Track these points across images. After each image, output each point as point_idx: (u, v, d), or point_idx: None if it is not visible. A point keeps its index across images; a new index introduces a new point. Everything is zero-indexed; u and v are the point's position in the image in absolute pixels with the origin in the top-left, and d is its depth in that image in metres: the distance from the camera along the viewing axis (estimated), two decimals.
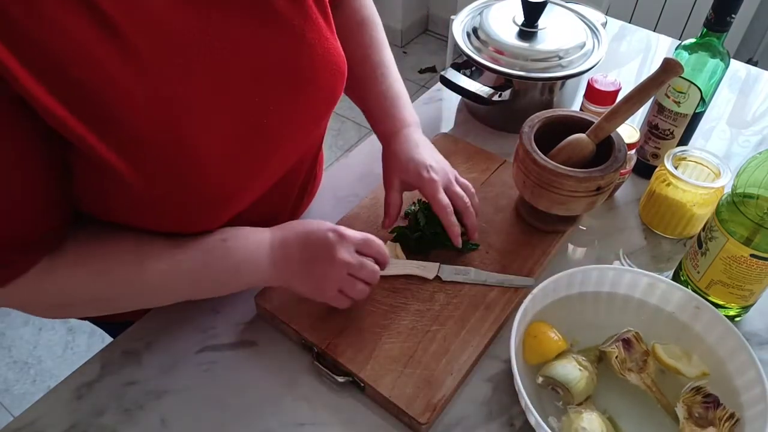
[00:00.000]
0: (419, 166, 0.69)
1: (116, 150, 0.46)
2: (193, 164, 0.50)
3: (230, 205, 0.57)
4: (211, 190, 0.53)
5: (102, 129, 0.45)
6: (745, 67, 1.12)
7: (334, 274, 0.60)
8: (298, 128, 0.60)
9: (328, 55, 0.60)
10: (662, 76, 0.65)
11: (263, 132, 0.55)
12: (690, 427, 0.57)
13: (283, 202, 0.71)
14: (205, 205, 0.54)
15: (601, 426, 0.57)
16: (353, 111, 2.53)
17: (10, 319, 1.79)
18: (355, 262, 0.61)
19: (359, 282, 0.62)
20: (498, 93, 0.88)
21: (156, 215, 0.54)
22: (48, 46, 0.40)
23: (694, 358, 0.63)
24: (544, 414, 0.60)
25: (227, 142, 0.52)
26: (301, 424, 0.62)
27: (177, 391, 0.64)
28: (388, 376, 0.62)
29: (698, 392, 0.59)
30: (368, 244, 0.62)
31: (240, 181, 0.56)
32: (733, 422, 0.57)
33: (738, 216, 0.60)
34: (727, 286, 0.66)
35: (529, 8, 0.89)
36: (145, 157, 0.47)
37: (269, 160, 0.58)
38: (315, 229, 0.61)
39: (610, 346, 0.62)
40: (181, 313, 0.70)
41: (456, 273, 0.71)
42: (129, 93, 0.45)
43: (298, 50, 0.56)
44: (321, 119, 0.64)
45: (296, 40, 0.56)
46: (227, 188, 0.54)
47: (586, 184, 0.68)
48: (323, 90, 0.60)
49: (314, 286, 0.61)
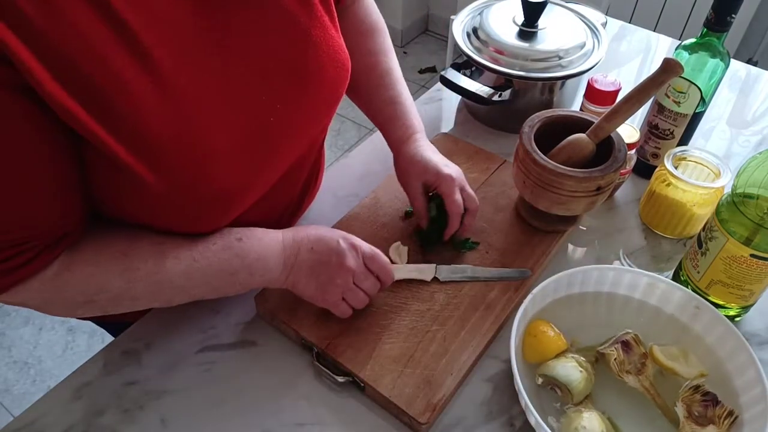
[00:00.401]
0: (438, 166, 0.71)
1: (127, 146, 0.46)
2: (203, 161, 0.50)
3: (239, 202, 0.57)
4: (221, 187, 0.53)
5: (113, 125, 0.45)
6: (745, 67, 1.12)
7: (339, 280, 0.62)
8: (303, 125, 0.60)
9: (333, 53, 0.60)
10: (662, 76, 0.65)
11: (270, 129, 0.56)
12: (690, 425, 0.57)
13: (286, 202, 0.72)
14: (215, 202, 0.55)
15: (600, 425, 0.57)
16: (353, 111, 2.53)
17: (10, 319, 1.79)
18: (361, 272, 0.63)
19: (361, 291, 0.64)
20: (498, 93, 0.88)
21: (166, 212, 0.54)
22: (61, 44, 0.41)
23: (691, 359, 0.63)
24: (544, 414, 0.60)
25: (236, 139, 0.53)
26: (301, 424, 0.62)
27: (177, 391, 0.64)
28: (388, 376, 0.62)
29: (697, 391, 0.59)
30: (375, 259, 0.64)
31: (248, 178, 0.56)
32: (732, 419, 0.57)
33: (738, 216, 0.60)
34: (727, 286, 0.66)
35: (529, 8, 0.89)
36: (155, 154, 0.48)
37: (276, 156, 0.59)
38: (327, 235, 0.63)
39: (609, 348, 0.62)
40: (181, 313, 0.70)
41: (453, 272, 0.71)
42: (140, 91, 0.45)
43: (304, 48, 0.57)
44: (325, 116, 0.64)
45: (302, 38, 0.57)
46: (237, 185, 0.55)
47: (586, 184, 0.68)
48: (328, 87, 0.61)
49: (319, 289, 0.62)
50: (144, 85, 0.45)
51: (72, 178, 0.49)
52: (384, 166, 0.89)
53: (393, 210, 0.80)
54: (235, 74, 0.51)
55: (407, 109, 0.77)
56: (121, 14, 0.43)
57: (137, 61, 0.44)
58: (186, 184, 0.51)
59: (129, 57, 0.44)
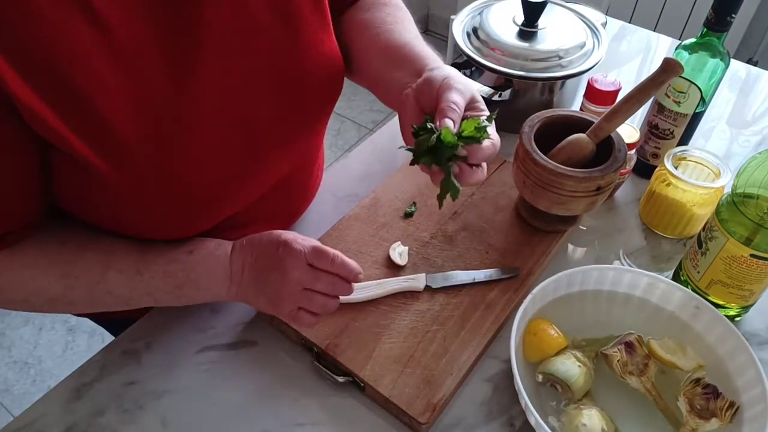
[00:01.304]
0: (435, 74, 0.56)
1: (98, 151, 0.46)
2: (177, 167, 0.50)
3: (218, 208, 0.56)
4: (197, 192, 0.53)
5: (84, 130, 0.45)
6: (745, 67, 1.12)
7: (286, 292, 0.56)
8: (290, 131, 0.59)
9: (323, 58, 0.59)
10: (662, 76, 0.65)
11: (252, 134, 0.55)
12: (694, 420, 0.57)
13: (284, 204, 0.71)
14: (190, 206, 0.54)
15: (601, 421, 0.57)
16: (353, 111, 2.53)
17: (9, 319, 1.79)
18: (308, 277, 0.56)
19: (317, 295, 0.57)
20: (498, 93, 0.87)
21: (139, 216, 0.54)
22: (38, 44, 0.40)
23: (689, 351, 0.63)
24: (544, 414, 0.60)
25: (214, 144, 0.52)
26: (300, 424, 0.62)
27: (177, 391, 0.64)
28: (388, 376, 0.62)
29: (697, 384, 0.59)
30: (319, 256, 0.55)
31: (227, 183, 0.55)
32: (734, 410, 0.58)
33: (738, 216, 0.60)
34: (727, 286, 0.66)
35: (529, 8, 0.89)
36: (129, 158, 0.47)
37: (260, 162, 0.58)
38: (266, 242, 0.57)
39: (612, 349, 0.62)
40: (181, 313, 0.70)
41: (444, 279, 0.71)
42: (116, 94, 0.45)
43: (289, 54, 0.56)
44: (315, 122, 0.63)
45: (290, 43, 0.56)
46: (213, 190, 0.54)
47: (586, 184, 0.68)
48: (317, 92, 0.60)
49: (270, 304, 0.58)
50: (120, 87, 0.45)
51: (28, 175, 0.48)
52: (384, 166, 0.89)
53: (393, 210, 0.80)
54: (215, 79, 0.51)
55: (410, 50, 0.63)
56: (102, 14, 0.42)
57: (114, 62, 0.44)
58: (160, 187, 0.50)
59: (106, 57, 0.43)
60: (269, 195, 0.62)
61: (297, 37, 0.56)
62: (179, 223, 0.56)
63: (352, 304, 0.67)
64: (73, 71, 0.42)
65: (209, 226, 0.58)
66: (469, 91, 0.56)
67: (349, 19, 0.69)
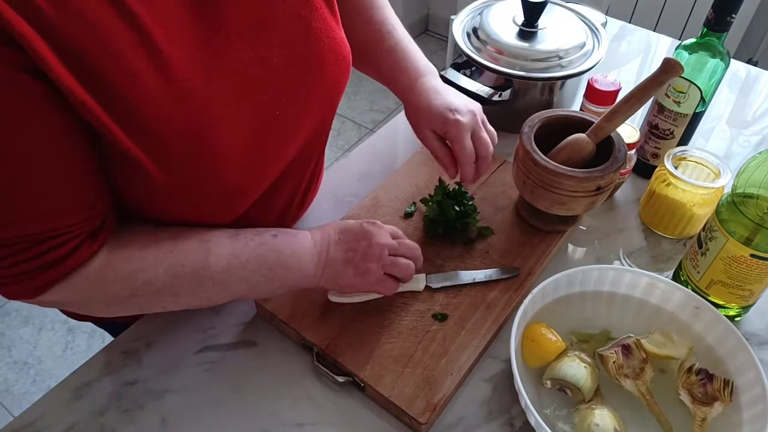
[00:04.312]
0: (442, 111, 0.69)
1: (136, 140, 0.46)
2: (211, 157, 0.51)
3: (246, 197, 0.58)
4: (229, 182, 0.53)
5: (122, 118, 0.45)
6: (745, 67, 1.12)
7: (374, 258, 0.62)
8: (309, 118, 0.61)
9: (334, 45, 0.60)
10: (662, 76, 0.65)
11: (277, 123, 0.56)
12: (699, 409, 0.58)
13: (286, 203, 0.72)
14: (223, 196, 0.55)
15: (613, 421, 0.57)
16: (353, 111, 2.53)
17: (9, 319, 1.79)
18: (391, 243, 0.63)
19: (402, 259, 0.64)
20: (498, 93, 0.88)
21: (176, 207, 0.54)
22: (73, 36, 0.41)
23: (675, 339, 0.64)
24: (545, 415, 0.60)
25: (244, 134, 0.53)
26: (301, 424, 0.62)
27: (177, 391, 0.64)
28: (388, 376, 0.62)
29: (690, 371, 0.60)
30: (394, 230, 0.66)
31: (256, 172, 0.56)
32: (730, 388, 0.58)
33: (738, 216, 0.60)
34: (727, 286, 0.66)
35: (529, 8, 0.89)
36: (164, 149, 0.48)
37: (283, 150, 0.59)
38: (350, 222, 0.64)
39: (609, 351, 0.62)
40: (181, 313, 0.70)
41: (445, 279, 0.71)
42: (149, 86, 0.45)
43: (306, 41, 0.57)
44: (329, 109, 0.65)
45: (304, 31, 0.57)
46: (244, 180, 0.55)
47: (586, 184, 0.68)
48: (330, 80, 0.61)
49: (358, 275, 0.62)
50: (153, 80, 0.45)
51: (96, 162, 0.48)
52: (384, 166, 0.89)
53: (393, 210, 0.80)
54: (241, 69, 0.51)
55: (407, 54, 0.74)
56: (134, 9, 0.43)
57: (147, 55, 0.44)
58: (195, 178, 0.51)
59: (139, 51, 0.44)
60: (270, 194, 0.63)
61: (310, 25, 0.57)
62: (211, 212, 0.57)
63: (352, 304, 0.67)
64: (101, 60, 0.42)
65: (234, 217, 0.59)
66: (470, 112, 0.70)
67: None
